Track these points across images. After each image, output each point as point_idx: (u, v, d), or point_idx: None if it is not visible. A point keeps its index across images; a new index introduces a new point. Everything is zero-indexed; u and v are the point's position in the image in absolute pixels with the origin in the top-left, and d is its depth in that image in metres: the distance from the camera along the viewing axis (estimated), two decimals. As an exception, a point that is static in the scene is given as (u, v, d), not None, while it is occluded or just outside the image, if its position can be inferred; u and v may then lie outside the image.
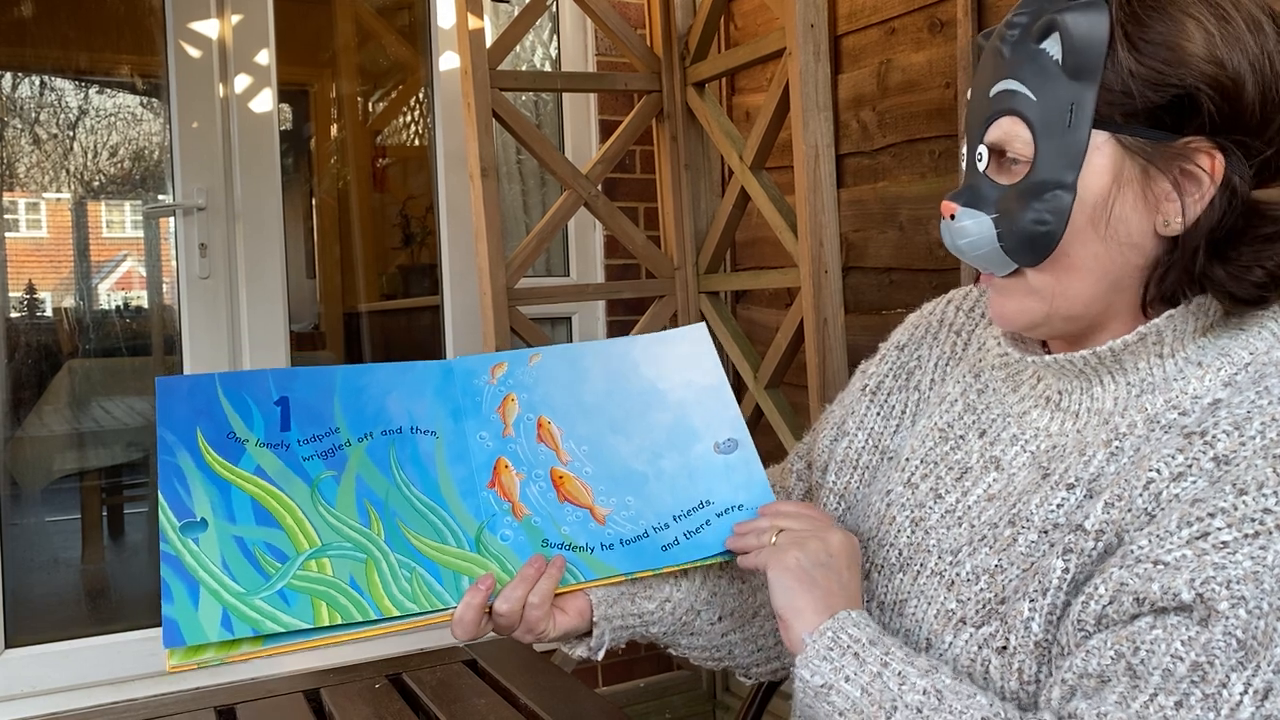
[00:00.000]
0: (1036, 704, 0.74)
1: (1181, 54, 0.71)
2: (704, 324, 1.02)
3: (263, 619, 0.80)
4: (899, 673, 0.75)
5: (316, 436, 0.90)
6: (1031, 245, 0.76)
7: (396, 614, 0.84)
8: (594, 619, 0.90)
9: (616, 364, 0.99)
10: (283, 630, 0.80)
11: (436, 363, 0.98)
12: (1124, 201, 0.74)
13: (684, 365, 0.99)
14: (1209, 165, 0.72)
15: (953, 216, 0.80)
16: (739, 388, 2.30)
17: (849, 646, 0.77)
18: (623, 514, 0.92)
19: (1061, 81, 0.73)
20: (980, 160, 0.79)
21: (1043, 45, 0.74)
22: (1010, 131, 0.76)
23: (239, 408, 0.89)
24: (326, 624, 0.82)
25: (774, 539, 0.85)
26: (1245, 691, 0.64)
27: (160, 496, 0.83)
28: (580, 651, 0.93)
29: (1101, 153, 0.73)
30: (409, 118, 3.17)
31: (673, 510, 0.92)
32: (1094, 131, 0.73)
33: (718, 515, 0.93)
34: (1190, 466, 0.71)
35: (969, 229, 0.79)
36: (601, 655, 0.92)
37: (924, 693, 0.73)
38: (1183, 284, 0.75)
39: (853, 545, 0.85)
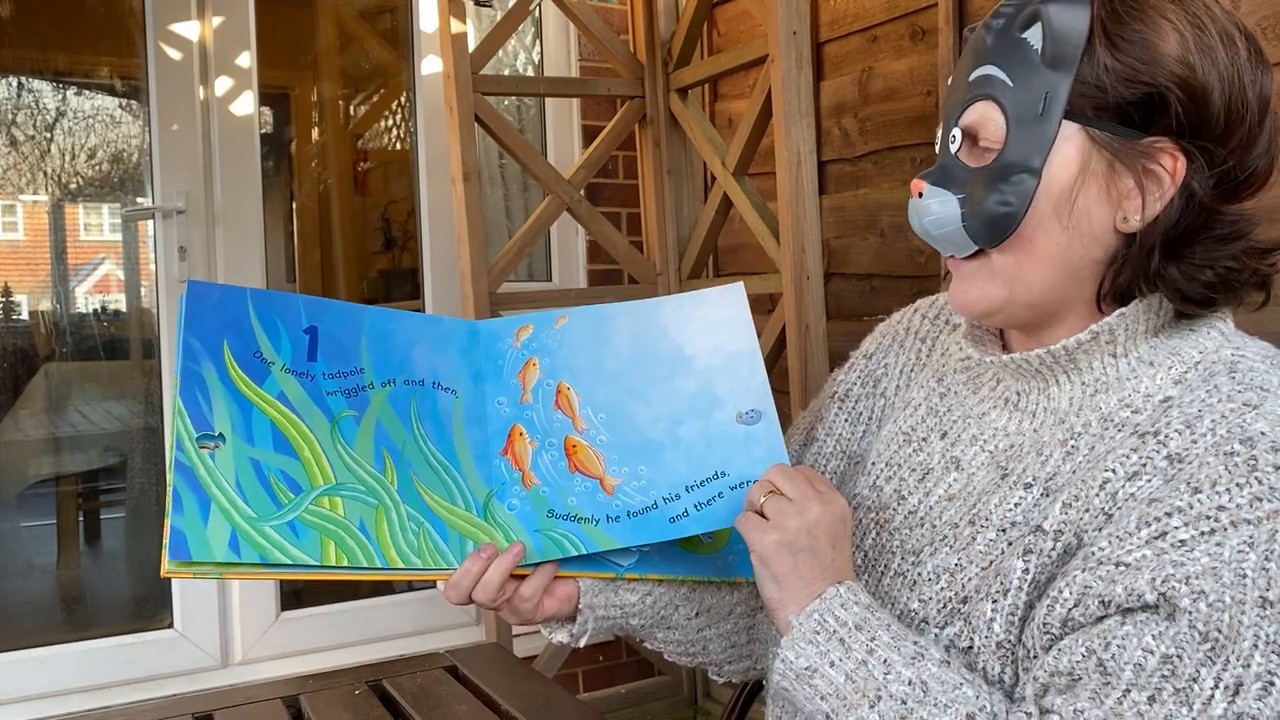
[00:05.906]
0: (1011, 698, 0.75)
1: (1156, 53, 0.73)
2: (741, 284, 0.95)
3: (271, 548, 0.78)
4: (884, 660, 0.75)
5: (342, 373, 0.88)
6: (993, 226, 0.77)
7: (401, 566, 0.82)
8: (579, 606, 0.91)
9: (644, 327, 0.94)
10: (289, 563, 0.78)
11: (464, 321, 0.96)
12: (1088, 193, 0.76)
13: (715, 329, 0.93)
14: (1171, 166, 0.74)
15: (921, 195, 0.81)
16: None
17: (835, 631, 0.77)
18: (633, 484, 0.89)
19: (1039, 71, 0.75)
20: (954, 142, 0.81)
21: (1025, 35, 0.76)
22: (985, 115, 0.78)
23: (268, 328, 0.87)
24: (333, 564, 0.80)
25: (763, 498, 0.83)
26: (1216, 687, 0.65)
27: (179, 403, 0.80)
28: (560, 637, 0.93)
29: (1071, 143, 0.75)
30: (391, 121, 3.16)
31: (685, 480, 0.89)
32: (1065, 122, 0.75)
33: (731, 488, 0.88)
34: (1145, 465, 0.72)
35: (933, 208, 0.80)
36: (584, 643, 0.93)
37: (909, 683, 0.74)
38: (1137, 280, 0.77)
39: (836, 515, 0.82)
